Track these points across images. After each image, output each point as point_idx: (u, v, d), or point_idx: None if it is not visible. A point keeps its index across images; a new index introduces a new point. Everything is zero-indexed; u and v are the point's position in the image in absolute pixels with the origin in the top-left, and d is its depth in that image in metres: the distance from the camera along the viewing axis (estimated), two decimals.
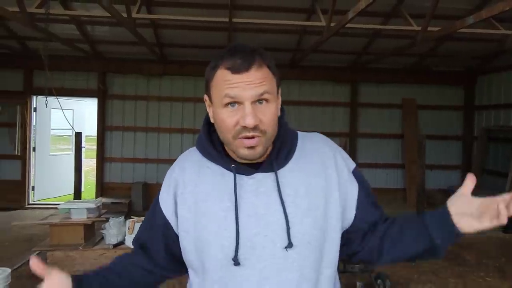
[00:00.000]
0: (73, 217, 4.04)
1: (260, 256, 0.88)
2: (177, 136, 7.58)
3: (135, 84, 7.50)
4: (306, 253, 0.90)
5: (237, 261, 0.88)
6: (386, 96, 7.81)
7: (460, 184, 0.95)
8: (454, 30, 4.49)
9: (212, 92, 0.92)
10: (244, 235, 0.88)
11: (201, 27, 5.96)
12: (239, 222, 0.89)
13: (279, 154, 0.94)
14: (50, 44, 6.15)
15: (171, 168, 1.05)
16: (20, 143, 7.11)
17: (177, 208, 0.97)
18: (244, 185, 0.91)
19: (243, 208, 0.90)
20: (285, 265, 0.88)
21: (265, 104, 0.88)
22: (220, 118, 0.89)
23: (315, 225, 0.91)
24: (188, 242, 0.94)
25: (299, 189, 0.92)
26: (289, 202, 0.90)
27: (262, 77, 0.87)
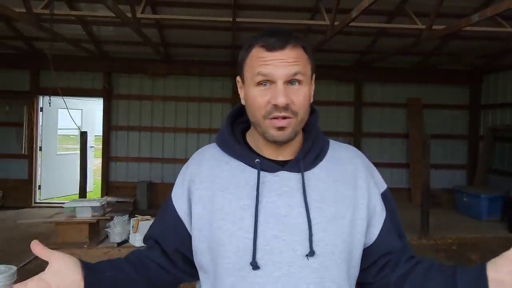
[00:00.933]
0: (78, 216, 4.09)
1: (278, 262, 0.81)
2: (182, 135, 7.61)
3: (140, 84, 7.54)
4: (328, 264, 0.82)
5: (255, 265, 0.80)
6: (391, 96, 7.78)
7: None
8: (459, 28, 4.46)
9: (245, 71, 0.89)
10: (262, 237, 0.81)
11: (205, 27, 5.98)
12: (259, 223, 0.82)
13: (307, 155, 0.90)
14: (56, 45, 6.21)
15: (186, 163, 0.99)
16: (27, 143, 7.19)
17: (191, 206, 0.90)
18: (267, 182, 0.86)
19: (263, 208, 0.83)
20: (304, 275, 0.81)
21: (298, 86, 0.85)
22: (252, 97, 0.86)
23: (340, 235, 0.85)
24: (200, 241, 0.88)
25: (325, 195, 0.86)
26: (314, 207, 0.84)
27: (297, 57, 0.85)
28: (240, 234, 0.82)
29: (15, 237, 5.14)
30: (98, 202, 4.22)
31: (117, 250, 4.05)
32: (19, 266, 3.81)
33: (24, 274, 3.17)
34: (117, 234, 4.07)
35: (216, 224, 0.85)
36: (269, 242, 0.81)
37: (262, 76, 0.84)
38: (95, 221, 4.15)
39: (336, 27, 4.74)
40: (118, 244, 4.07)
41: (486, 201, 6.44)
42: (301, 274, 0.81)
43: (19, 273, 3.18)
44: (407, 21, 5.06)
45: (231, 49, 6.89)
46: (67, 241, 4.03)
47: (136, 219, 4.11)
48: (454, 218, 6.65)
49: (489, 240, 5.46)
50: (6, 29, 6.14)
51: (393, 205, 0.97)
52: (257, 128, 0.88)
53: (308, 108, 0.88)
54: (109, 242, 4.12)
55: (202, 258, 0.88)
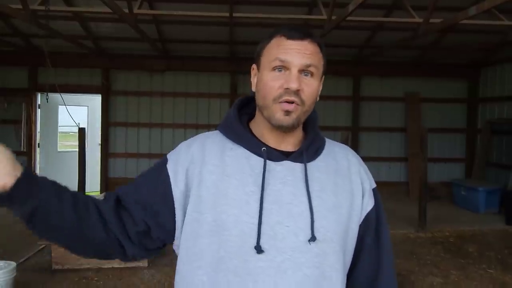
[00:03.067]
0: None
1: (280, 247, 0.84)
2: (180, 131, 7.62)
3: (138, 80, 7.54)
4: (328, 251, 0.87)
5: (259, 249, 0.83)
6: (389, 90, 7.79)
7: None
8: (456, 21, 4.46)
9: (262, 57, 0.92)
10: (266, 223, 0.84)
11: (203, 22, 5.97)
12: (263, 211, 0.85)
13: (309, 147, 0.94)
14: (54, 41, 6.20)
15: (185, 143, 0.98)
16: (26, 140, 7.19)
17: (188, 187, 0.89)
18: (272, 171, 0.88)
19: (268, 195, 0.86)
20: (305, 260, 0.84)
21: (310, 78, 0.89)
22: (265, 80, 0.89)
23: (339, 224, 0.90)
24: (201, 224, 0.87)
25: (326, 185, 0.91)
26: (315, 196, 0.88)
27: (313, 51, 0.90)
28: (245, 219, 0.84)
29: (14, 233, 5.15)
30: None
31: None
32: (18, 262, 3.84)
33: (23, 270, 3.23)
34: None
35: (221, 208, 0.86)
36: (273, 228, 0.84)
37: (280, 61, 0.88)
38: None
39: (333, 21, 4.74)
40: None
41: (483, 194, 6.47)
42: (302, 259, 0.84)
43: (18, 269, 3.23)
44: (404, 15, 5.06)
45: (229, 45, 6.87)
46: None
47: None
48: (452, 211, 6.69)
49: (486, 232, 5.49)
50: (3, 26, 6.13)
51: (380, 203, 1.01)
52: (264, 112, 0.91)
53: (314, 102, 0.92)
54: None
55: (197, 242, 0.87)
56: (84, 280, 3.77)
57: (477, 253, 4.65)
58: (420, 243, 5.01)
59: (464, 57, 7.53)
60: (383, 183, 7.40)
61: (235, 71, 7.48)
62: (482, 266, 4.24)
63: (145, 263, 4.10)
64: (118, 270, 3.99)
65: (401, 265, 4.20)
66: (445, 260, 4.43)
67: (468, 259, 4.47)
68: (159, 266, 4.14)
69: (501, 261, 4.38)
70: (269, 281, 0.83)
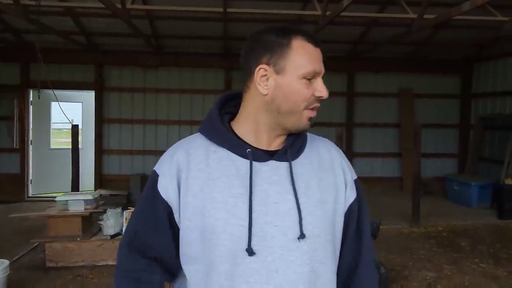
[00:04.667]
0: (70, 209, 4.08)
1: (270, 247, 0.85)
2: (174, 128, 7.59)
3: (131, 76, 7.49)
4: (316, 246, 0.88)
5: (251, 251, 0.84)
6: (383, 85, 7.81)
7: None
8: (449, 17, 4.48)
9: (285, 61, 0.88)
10: (255, 224, 0.85)
11: (197, 18, 5.93)
12: (252, 213, 0.85)
13: (293, 144, 0.94)
14: (46, 37, 6.13)
15: (169, 152, 0.97)
16: (19, 137, 7.12)
17: (180, 195, 0.90)
18: (258, 172, 0.88)
19: (255, 196, 0.86)
20: (295, 258, 0.86)
21: None
22: (296, 89, 0.89)
23: (325, 219, 0.91)
24: (191, 231, 0.88)
25: (311, 181, 0.91)
26: (301, 194, 0.88)
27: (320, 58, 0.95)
28: (235, 221, 0.85)
29: (7, 231, 5.12)
30: (90, 195, 4.21)
31: (111, 242, 4.06)
32: (11, 260, 3.82)
33: (17, 268, 3.21)
34: (110, 227, 4.08)
35: (209, 213, 0.86)
36: (262, 229, 0.85)
37: (314, 72, 0.90)
38: (88, 214, 4.14)
39: (327, 17, 4.73)
40: (111, 236, 4.07)
41: (476, 189, 6.53)
42: (292, 257, 0.85)
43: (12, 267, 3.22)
44: (398, 10, 5.06)
45: (223, 40, 6.84)
46: (59, 234, 4.02)
47: (129, 211, 4.11)
48: (445, 206, 6.75)
49: (478, 227, 5.55)
50: None
51: (362, 194, 1.02)
52: (290, 117, 0.91)
53: None
54: (102, 234, 4.12)
55: (191, 248, 0.89)
56: (78, 278, 3.75)
57: (469, 248, 4.70)
58: (414, 238, 5.05)
59: (458, 53, 7.56)
60: (377, 178, 7.46)
61: (229, 67, 7.45)
62: (475, 260, 4.29)
63: None
64: (112, 268, 3.96)
65: (395, 260, 4.23)
66: (438, 254, 4.47)
67: (461, 253, 4.52)
68: None
69: (493, 255, 4.43)
70: (261, 281, 0.84)
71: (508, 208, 5.95)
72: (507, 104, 6.93)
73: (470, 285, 3.70)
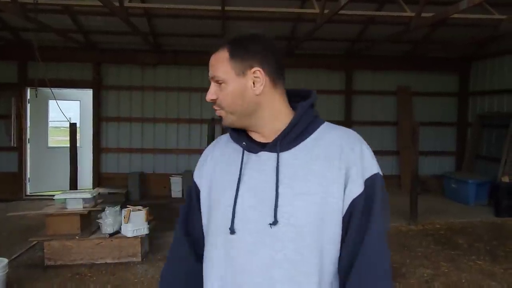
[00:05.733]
0: (69, 207, 4.08)
1: (250, 229, 0.94)
2: (173, 126, 7.59)
3: (129, 74, 7.48)
4: (291, 235, 0.91)
5: (232, 230, 0.95)
6: (381, 84, 7.83)
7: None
8: (447, 15, 4.49)
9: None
10: (240, 207, 0.95)
11: (195, 16, 5.92)
12: (239, 195, 0.96)
13: (286, 137, 0.97)
14: (44, 35, 6.11)
15: (211, 144, 1.17)
16: (16, 135, 7.11)
17: (202, 178, 1.09)
18: (250, 162, 0.99)
19: (245, 182, 0.97)
20: (271, 243, 0.92)
21: (220, 85, 1.06)
22: None
23: (307, 209, 0.91)
24: (204, 206, 1.06)
25: (298, 172, 0.94)
26: (284, 183, 0.93)
27: (215, 62, 1.06)
28: (224, 202, 0.98)
29: (5, 229, 5.12)
30: (89, 194, 4.21)
31: (109, 240, 4.06)
32: (10, 259, 3.82)
33: (15, 266, 3.21)
34: (108, 225, 4.08)
35: (212, 193, 1.04)
36: (245, 212, 0.95)
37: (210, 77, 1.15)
38: (86, 212, 4.14)
39: (326, 15, 4.74)
40: (110, 235, 4.08)
41: (473, 187, 6.56)
42: (268, 241, 0.93)
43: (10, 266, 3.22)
44: (396, 9, 5.07)
45: (221, 38, 6.83)
46: (58, 233, 4.02)
47: (127, 210, 4.12)
48: (443, 203, 6.77)
49: (476, 224, 5.58)
50: None
51: (375, 193, 0.94)
52: None
53: (232, 103, 1.02)
54: (101, 233, 4.13)
55: (204, 220, 1.07)
56: (77, 276, 3.76)
57: (466, 245, 4.73)
58: (412, 236, 5.07)
59: (455, 51, 7.57)
60: None
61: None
62: (472, 258, 4.32)
63: (139, 258, 4.10)
64: (111, 266, 3.99)
65: (393, 257, 4.24)
66: (435, 252, 4.50)
67: (458, 250, 4.54)
68: (152, 261, 4.15)
69: (490, 252, 4.46)
70: (245, 258, 0.95)
71: (505, 205, 5.98)
72: (505, 102, 6.96)
73: (467, 282, 3.72)
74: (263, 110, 1.00)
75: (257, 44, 1.00)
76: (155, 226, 4.55)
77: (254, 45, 1.00)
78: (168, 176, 7.39)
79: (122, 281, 3.68)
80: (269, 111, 1.00)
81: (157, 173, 7.54)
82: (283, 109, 1.02)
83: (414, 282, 3.71)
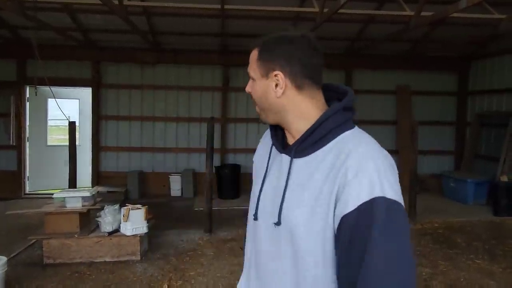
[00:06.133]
0: (68, 206, 4.08)
1: (265, 221, 1.04)
2: (172, 124, 7.59)
3: (129, 73, 7.47)
4: (287, 237, 0.97)
5: (256, 217, 1.07)
6: (381, 83, 7.83)
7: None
8: (447, 14, 4.49)
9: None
10: (262, 200, 1.06)
11: (194, 14, 5.91)
12: (263, 189, 1.07)
13: (304, 141, 0.98)
14: (43, 34, 6.10)
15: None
16: (15, 134, 7.10)
17: (256, 158, 1.21)
18: (275, 160, 1.07)
19: (268, 178, 1.07)
20: (275, 239, 1.01)
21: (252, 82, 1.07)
22: None
23: (301, 217, 0.94)
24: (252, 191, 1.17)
25: (302, 180, 0.96)
26: (291, 189, 0.98)
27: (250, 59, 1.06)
28: (255, 191, 1.11)
29: (4, 228, 5.12)
30: (88, 192, 4.21)
31: (108, 239, 4.07)
32: (9, 257, 3.82)
33: (14, 265, 3.21)
34: (107, 224, 4.08)
35: (253, 184, 1.15)
36: (264, 205, 1.05)
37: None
38: (86, 211, 4.14)
39: (325, 14, 4.73)
40: (109, 233, 4.08)
41: (472, 186, 6.57)
42: (270, 237, 1.03)
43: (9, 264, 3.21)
44: (396, 8, 5.07)
45: (220, 37, 6.83)
46: (57, 231, 4.02)
47: (126, 208, 4.12)
48: (441, 202, 6.79)
49: (474, 223, 5.59)
50: None
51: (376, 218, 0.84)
52: None
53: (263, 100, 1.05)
54: (100, 231, 4.13)
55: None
56: (76, 275, 3.76)
57: (465, 244, 4.74)
58: (411, 235, 5.07)
59: (455, 50, 7.58)
60: None
61: (227, 64, 7.44)
62: (470, 256, 4.33)
63: (138, 256, 4.11)
64: (110, 264, 3.99)
65: None
66: (434, 250, 4.50)
67: (457, 249, 4.55)
68: (152, 260, 4.15)
69: (488, 251, 4.47)
70: (263, 242, 1.05)
71: (503, 205, 6.00)
72: (504, 102, 6.96)
73: (465, 281, 3.73)
74: (286, 112, 1.02)
75: (283, 47, 0.99)
76: (154, 224, 4.56)
77: (280, 48, 0.99)
78: (167, 175, 7.39)
79: (121, 279, 3.69)
80: (293, 113, 1.01)
81: (156, 171, 7.54)
82: (311, 111, 0.99)
83: None
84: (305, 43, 0.99)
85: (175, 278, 3.72)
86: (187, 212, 6.24)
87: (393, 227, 0.83)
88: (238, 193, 7.16)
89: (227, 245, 4.65)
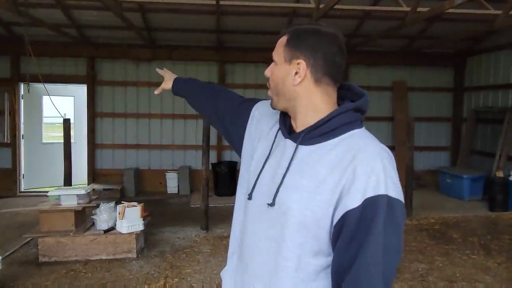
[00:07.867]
0: (63, 204, 4.05)
1: (259, 202, 1.06)
2: (168, 121, 7.56)
3: (124, 69, 7.42)
4: (280, 219, 0.99)
5: (250, 196, 1.09)
6: (377, 79, 7.83)
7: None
8: (442, 10, 4.48)
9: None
10: (259, 180, 1.08)
11: (190, 11, 5.88)
12: (262, 172, 1.08)
13: (310, 132, 1.01)
14: (37, 30, 6.04)
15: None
16: (10, 131, 7.04)
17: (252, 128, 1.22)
18: (279, 144, 1.08)
19: (270, 161, 1.08)
20: (266, 219, 1.03)
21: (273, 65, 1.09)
22: None
23: (298, 203, 0.96)
24: (244, 163, 1.21)
25: (305, 168, 0.98)
26: (291, 175, 1.00)
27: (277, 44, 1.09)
28: (254, 170, 1.12)
29: (0, 227, 5.08)
30: (83, 190, 4.18)
31: (104, 237, 4.05)
32: (4, 255, 3.80)
33: (9, 263, 3.18)
34: (103, 221, 4.06)
35: (252, 158, 1.16)
36: (261, 186, 1.07)
37: None
38: (81, 208, 4.12)
39: (321, 10, 4.71)
40: (104, 231, 4.06)
41: (468, 182, 6.60)
42: (264, 217, 1.04)
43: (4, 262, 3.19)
44: (392, 4, 5.06)
45: (216, 33, 6.80)
46: (52, 229, 4.00)
47: (122, 206, 4.10)
48: (437, 198, 6.81)
49: (470, 219, 5.62)
50: None
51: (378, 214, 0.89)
52: None
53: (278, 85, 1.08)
54: (96, 229, 4.11)
55: (240, 174, 1.22)
56: (72, 273, 3.74)
57: (461, 239, 4.76)
58: (406, 231, 5.09)
59: (451, 46, 7.58)
60: None
61: (222, 60, 7.41)
62: (466, 252, 4.35)
63: (134, 254, 4.09)
64: (106, 262, 3.97)
65: None
66: (430, 246, 4.52)
67: (452, 245, 4.57)
68: (148, 257, 4.14)
69: (484, 247, 4.49)
70: (253, 222, 1.08)
71: (499, 200, 6.03)
72: (499, 97, 6.98)
73: (461, 276, 3.75)
74: (300, 100, 1.04)
75: (312, 39, 1.01)
76: (150, 222, 4.54)
77: (309, 39, 1.01)
78: (164, 172, 7.37)
79: (117, 277, 3.67)
80: (305, 104, 1.03)
81: (152, 169, 7.52)
82: (321, 106, 1.02)
83: (408, 277, 3.73)
84: (334, 41, 1.02)
85: (172, 276, 3.71)
86: (184, 209, 6.22)
87: (393, 222, 0.90)
88: (234, 190, 7.14)
89: (224, 242, 4.64)
